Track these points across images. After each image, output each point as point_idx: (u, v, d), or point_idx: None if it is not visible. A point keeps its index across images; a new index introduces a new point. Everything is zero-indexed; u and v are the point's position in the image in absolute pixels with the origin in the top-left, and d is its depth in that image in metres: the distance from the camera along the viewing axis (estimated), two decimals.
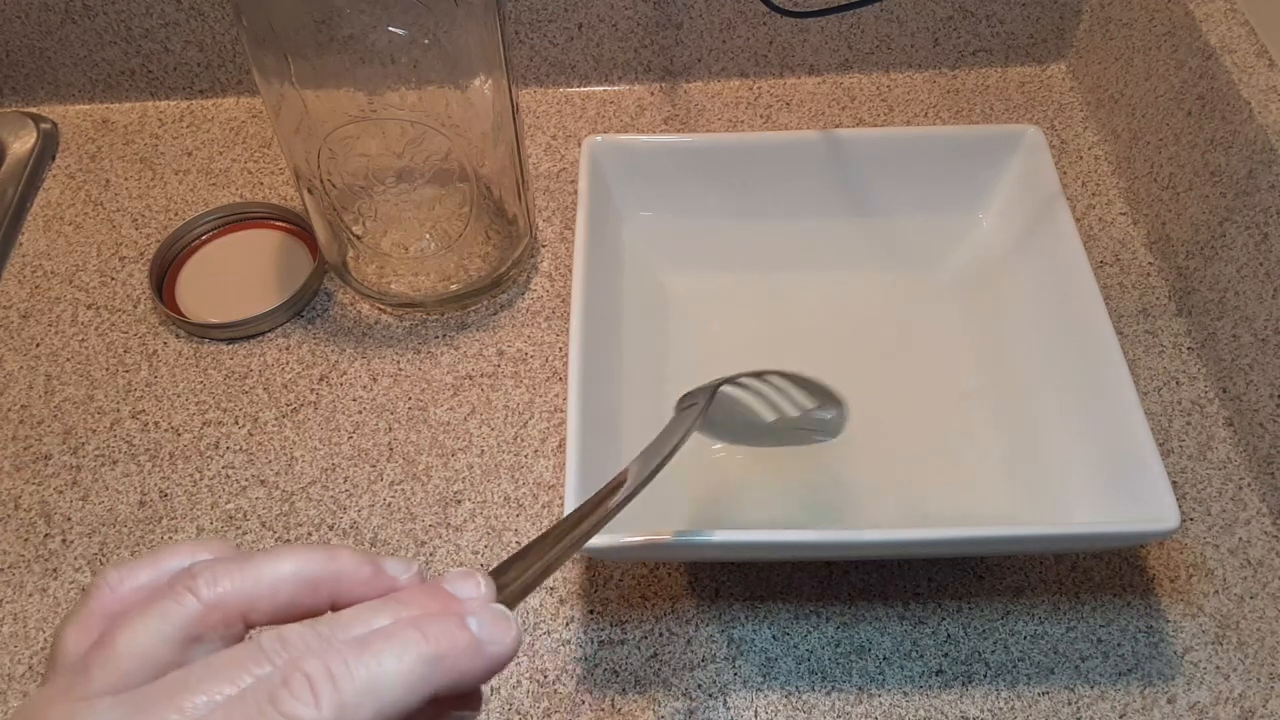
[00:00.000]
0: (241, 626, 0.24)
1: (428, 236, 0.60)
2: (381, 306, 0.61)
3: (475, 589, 0.25)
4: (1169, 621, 0.49)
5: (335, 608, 0.25)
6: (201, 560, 0.25)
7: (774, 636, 0.49)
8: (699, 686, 0.48)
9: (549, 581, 0.51)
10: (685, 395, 0.45)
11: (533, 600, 0.50)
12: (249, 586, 0.24)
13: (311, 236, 0.63)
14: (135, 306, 0.62)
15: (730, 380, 0.46)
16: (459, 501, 0.53)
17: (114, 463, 0.56)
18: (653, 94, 0.73)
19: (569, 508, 0.43)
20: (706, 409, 0.44)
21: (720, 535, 0.46)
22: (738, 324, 0.57)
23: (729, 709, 0.47)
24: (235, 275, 0.63)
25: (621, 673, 0.48)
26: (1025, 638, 0.48)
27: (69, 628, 0.25)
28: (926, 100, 0.71)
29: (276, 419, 0.57)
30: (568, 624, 0.49)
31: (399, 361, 0.59)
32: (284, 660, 0.22)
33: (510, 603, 0.25)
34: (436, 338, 0.60)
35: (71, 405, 0.58)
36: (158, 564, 0.25)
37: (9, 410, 0.58)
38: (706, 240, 0.59)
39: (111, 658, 0.23)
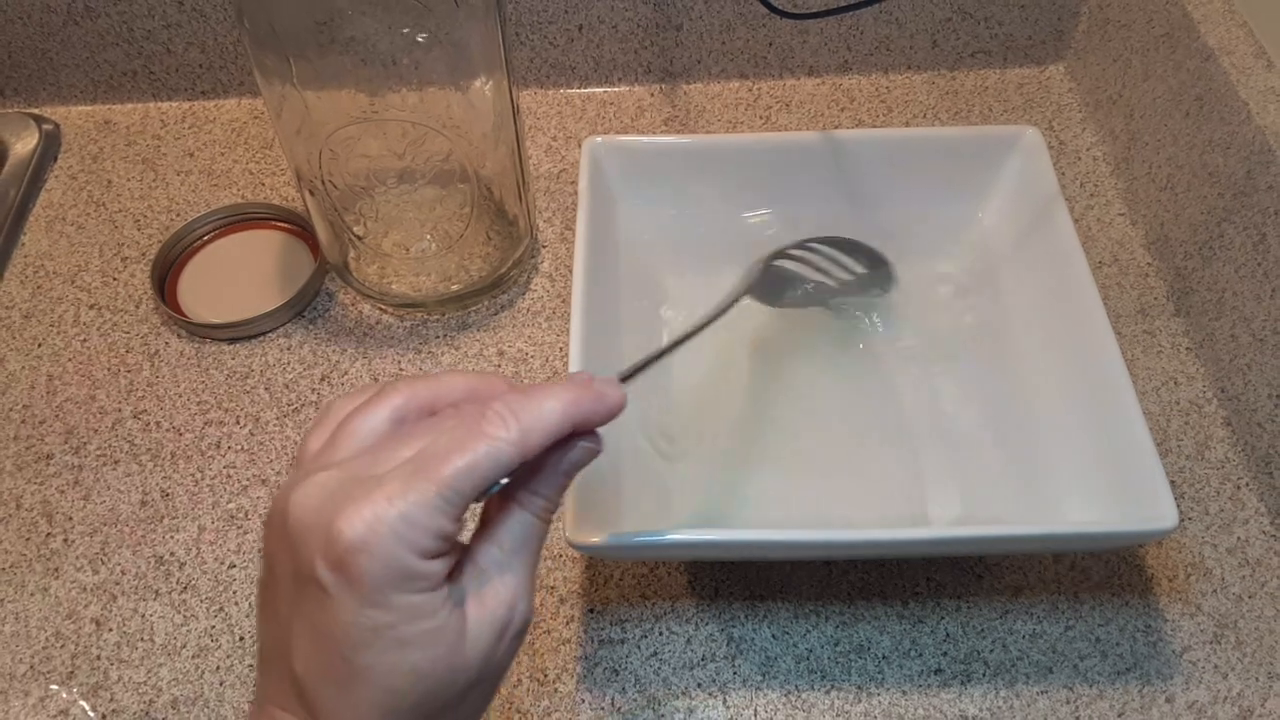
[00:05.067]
0: (431, 413, 0.34)
1: (429, 237, 0.60)
2: (382, 307, 0.62)
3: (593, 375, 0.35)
4: (1167, 621, 0.49)
5: None
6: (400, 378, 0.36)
7: (773, 635, 0.49)
8: (699, 686, 0.48)
9: (550, 581, 0.51)
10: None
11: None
12: (434, 387, 0.34)
13: (313, 237, 0.63)
14: (137, 307, 0.62)
15: (781, 254, 0.54)
16: None
17: (115, 462, 0.56)
18: (653, 95, 0.73)
19: (568, 508, 0.44)
20: (754, 282, 0.52)
21: (720, 535, 0.46)
22: (737, 323, 0.57)
23: (729, 708, 0.47)
24: (237, 275, 0.63)
25: (621, 672, 0.48)
26: (1024, 637, 0.49)
27: (310, 436, 0.33)
28: (925, 101, 0.72)
29: (278, 419, 0.57)
30: (568, 623, 0.50)
31: (400, 362, 0.59)
32: (478, 407, 0.32)
33: (621, 378, 0.36)
34: (437, 338, 0.60)
35: (73, 405, 0.58)
36: (373, 387, 0.34)
37: (11, 410, 0.58)
38: (706, 241, 0.59)
39: (346, 435, 0.32)
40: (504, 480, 0.32)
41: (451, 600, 0.31)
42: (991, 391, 0.54)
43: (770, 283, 0.54)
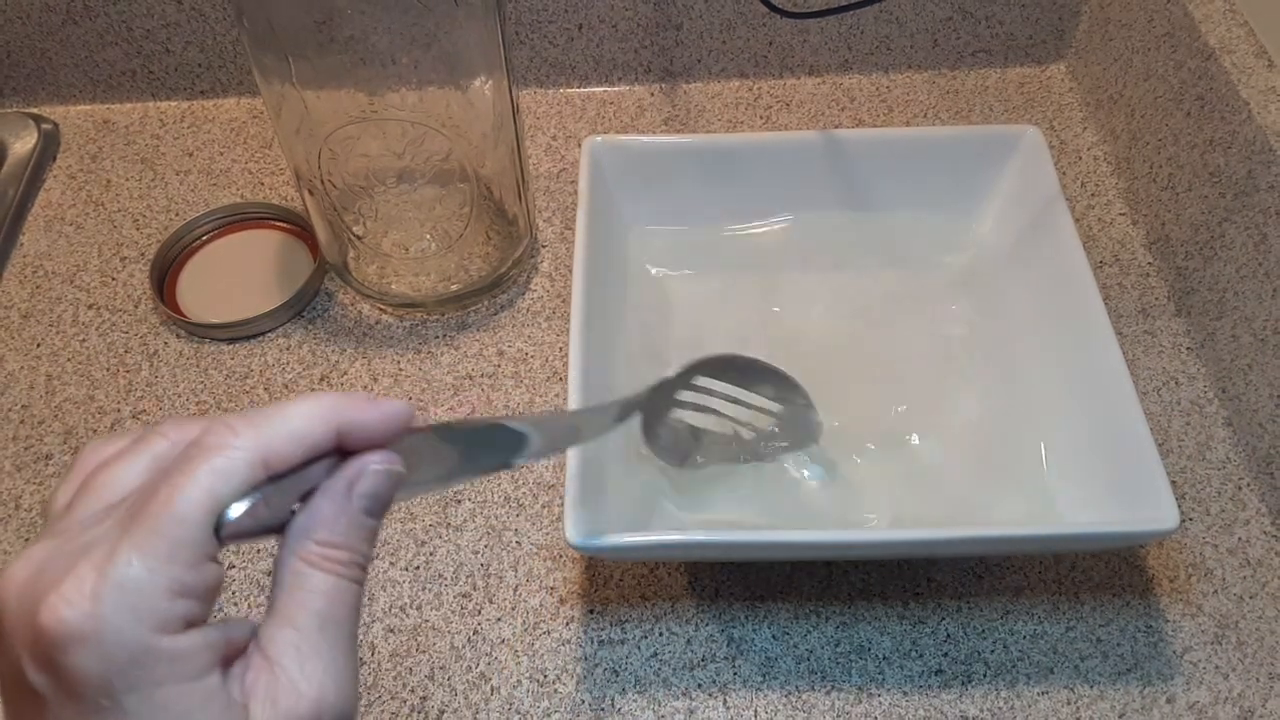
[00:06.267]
0: None
1: (428, 237, 0.60)
2: (382, 307, 0.61)
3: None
4: (1168, 621, 0.49)
5: None
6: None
7: (774, 636, 0.49)
8: (699, 687, 0.48)
9: (549, 582, 0.51)
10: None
11: (533, 600, 0.50)
12: (208, 426, 0.26)
13: (312, 237, 0.63)
14: (136, 307, 0.62)
15: (668, 398, 0.47)
16: (459, 501, 0.54)
17: None
18: (653, 95, 0.73)
19: (569, 508, 0.43)
20: (624, 417, 0.43)
21: (720, 535, 0.46)
22: (737, 324, 0.57)
23: (729, 709, 0.47)
24: (236, 275, 0.63)
25: (621, 673, 0.48)
26: (1025, 637, 0.48)
27: (56, 490, 0.27)
28: (926, 101, 0.72)
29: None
30: (568, 624, 0.49)
31: (399, 361, 0.59)
32: (203, 429, 0.26)
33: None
34: (437, 338, 0.60)
35: (72, 405, 0.58)
36: (134, 433, 0.27)
37: (10, 410, 0.58)
38: (706, 240, 0.59)
39: (90, 491, 0.26)
40: (246, 501, 0.25)
41: (222, 692, 0.24)
42: (992, 391, 0.54)
43: (666, 436, 0.48)
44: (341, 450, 0.27)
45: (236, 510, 0.25)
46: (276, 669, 0.25)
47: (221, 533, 0.25)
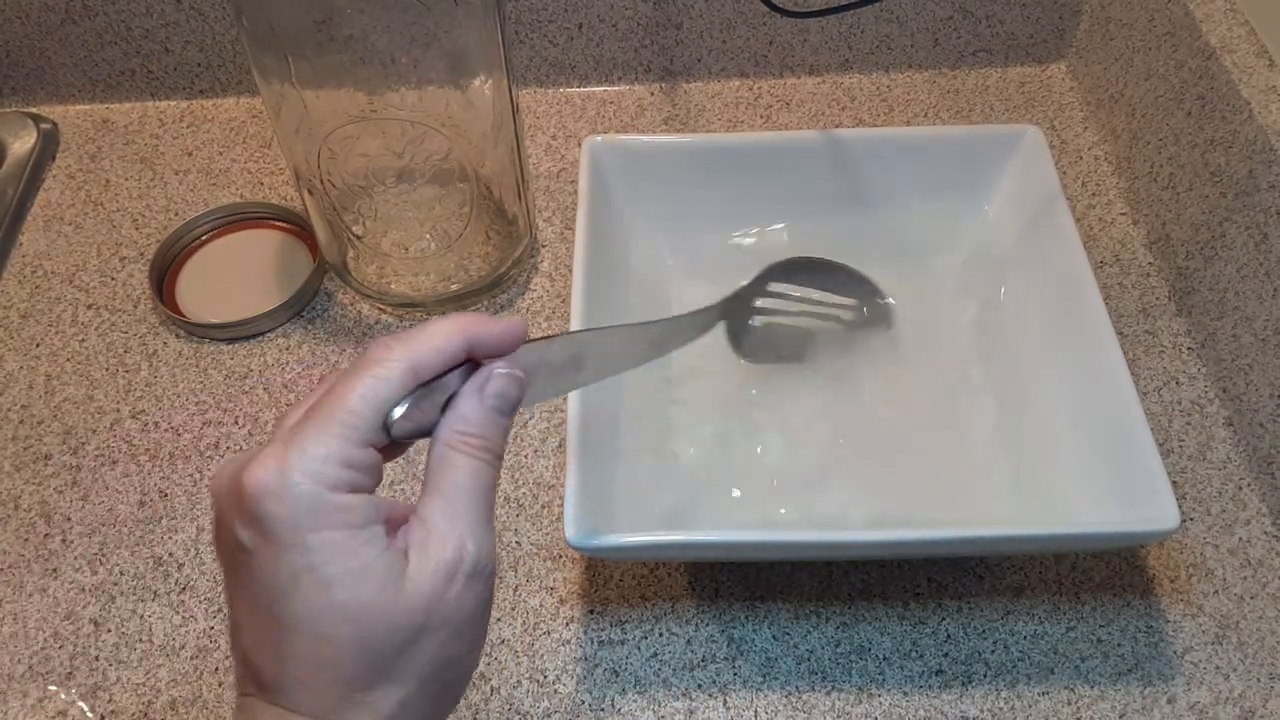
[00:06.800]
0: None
1: (428, 237, 0.60)
2: (382, 306, 0.61)
3: None
4: (1169, 621, 0.49)
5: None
6: None
7: (774, 636, 0.49)
8: (699, 687, 0.48)
9: (549, 582, 0.51)
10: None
11: (533, 600, 0.50)
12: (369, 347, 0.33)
13: (311, 236, 0.63)
14: (135, 306, 0.62)
15: (751, 305, 0.52)
16: None
17: (114, 463, 0.56)
18: (653, 94, 0.73)
19: (569, 508, 0.43)
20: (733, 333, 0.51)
21: (720, 535, 0.46)
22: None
23: (729, 709, 0.47)
24: (235, 275, 0.63)
25: (621, 673, 0.48)
26: (1025, 638, 0.48)
27: (290, 410, 0.33)
28: (926, 100, 0.71)
29: (276, 419, 0.57)
30: (568, 624, 0.49)
31: None
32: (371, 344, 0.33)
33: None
34: None
35: (71, 405, 0.58)
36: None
37: (9, 410, 0.58)
38: (706, 240, 0.59)
39: (292, 408, 0.33)
40: (404, 405, 0.31)
41: (386, 544, 0.30)
42: (993, 391, 0.54)
43: (751, 340, 0.54)
44: (473, 361, 0.34)
45: (399, 411, 0.31)
46: (428, 526, 0.31)
47: (392, 431, 0.31)
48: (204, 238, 0.65)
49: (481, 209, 0.59)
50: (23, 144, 0.70)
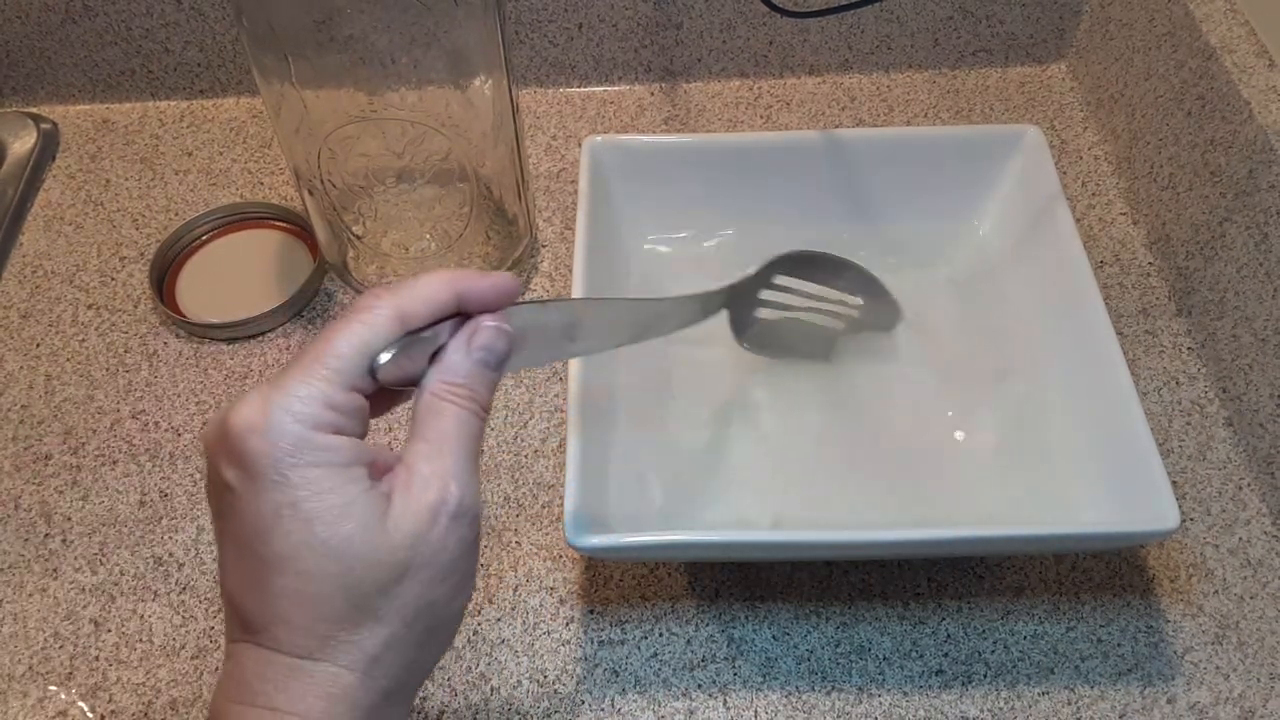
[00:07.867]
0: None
1: (428, 236, 0.60)
2: None
3: None
4: (1169, 621, 0.49)
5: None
6: None
7: (774, 636, 0.49)
8: (699, 687, 0.48)
9: (549, 582, 0.51)
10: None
11: (533, 600, 0.50)
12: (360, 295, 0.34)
13: (312, 236, 0.63)
14: (135, 306, 0.62)
15: (755, 297, 0.52)
16: None
17: (114, 463, 0.56)
18: (653, 94, 0.73)
19: (569, 508, 0.43)
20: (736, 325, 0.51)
21: (720, 535, 0.46)
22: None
23: (729, 709, 0.47)
24: (235, 275, 0.63)
25: (621, 673, 0.48)
26: (1025, 638, 0.48)
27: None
28: (926, 100, 0.71)
29: None
30: (568, 624, 0.49)
31: None
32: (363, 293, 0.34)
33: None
34: None
35: (72, 405, 0.58)
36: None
37: (9, 410, 0.58)
38: (706, 240, 0.59)
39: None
40: (391, 351, 0.32)
41: (369, 485, 0.31)
42: (992, 391, 0.53)
43: (756, 332, 0.54)
44: (465, 316, 0.34)
45: (384, 357, 0.32)
46: (412, 470, 0.32)
47: (378, 375, 0.32)
48: (204, 238, 0.65)
49: (481, 209, 0.59)
50: (23, 144, 0.70)
